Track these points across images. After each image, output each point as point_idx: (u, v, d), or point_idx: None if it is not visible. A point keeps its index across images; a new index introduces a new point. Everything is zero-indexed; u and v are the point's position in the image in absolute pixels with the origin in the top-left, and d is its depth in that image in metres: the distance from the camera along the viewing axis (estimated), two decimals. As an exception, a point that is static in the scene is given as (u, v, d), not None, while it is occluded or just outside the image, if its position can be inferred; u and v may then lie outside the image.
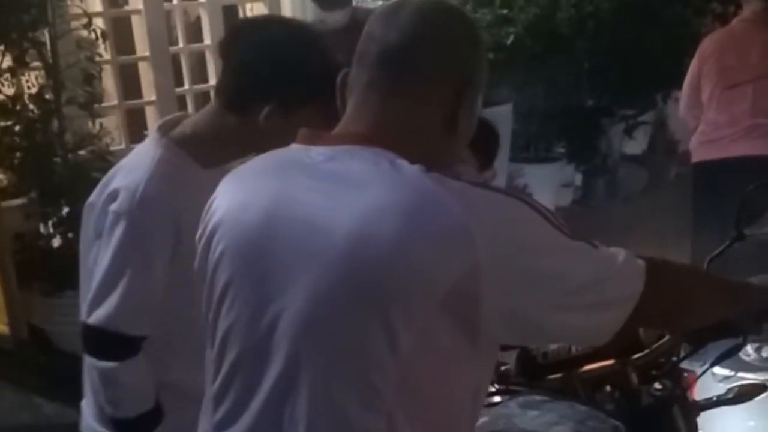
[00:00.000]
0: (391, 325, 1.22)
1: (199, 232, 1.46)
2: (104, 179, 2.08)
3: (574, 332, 1.39)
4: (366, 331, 1.23)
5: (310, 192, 1.30)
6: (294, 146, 1.43)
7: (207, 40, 5.61)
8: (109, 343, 2.03)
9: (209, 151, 2.05)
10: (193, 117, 2.13)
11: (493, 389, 1.84)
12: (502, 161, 5.82)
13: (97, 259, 2.04)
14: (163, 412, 2.09)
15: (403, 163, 1.27)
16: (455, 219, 1.23)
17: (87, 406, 2.23)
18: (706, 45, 4.48)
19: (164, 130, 2.09)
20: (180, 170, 2.02)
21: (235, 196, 1.42)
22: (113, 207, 1.99)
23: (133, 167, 2.03)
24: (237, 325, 1.36)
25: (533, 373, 1.85)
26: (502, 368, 1.86)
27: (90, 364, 2.07)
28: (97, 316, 2.01)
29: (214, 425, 1.40)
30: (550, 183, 6.57)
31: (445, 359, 1.28)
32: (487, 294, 1.23)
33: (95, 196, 2.07)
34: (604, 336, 1.38)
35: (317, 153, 1.35)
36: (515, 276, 1.25)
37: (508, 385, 1.85)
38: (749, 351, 2.68)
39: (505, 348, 1.83)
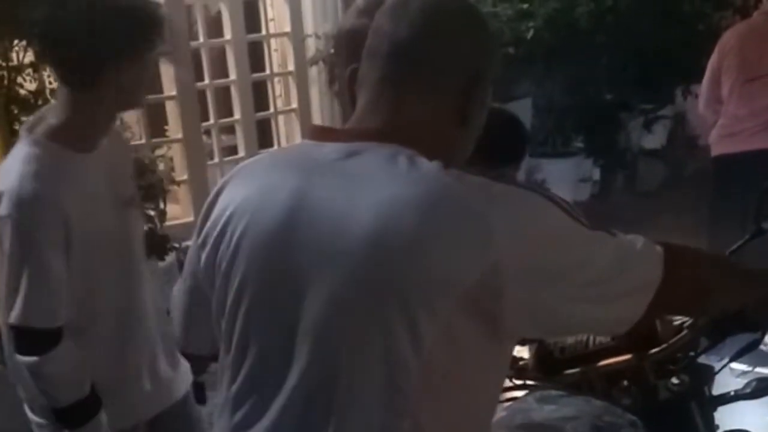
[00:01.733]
0: (414, 323, 1.22)
1: (206, 228, 1.43)
2: None
3: (595, 322, 1.39)
4: (389, 331, 1.23)
5: (327, 191, 1.29)
6: (305, 142, 1.43)
7: (227, 35, 5.62)
8: (26, 339, 2.10)
9: (78, 134, 2.12)
10: (52, 108, 2.20)
11: (510, 384, 1.85)
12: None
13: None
14: (101, 400, 2.16)
15: (422, 160, 1.27)
16: (475, 215, 1.23)
17: (26, 406, 2.33)
18: (727, 38, 4.46)
19: (30, 128, 2.15)
20: (54, 161, 2.08)
21: (248, 193, 1.39)
22: (1, 213, 2.04)
23: (9, 170, 2.08)
24: (256, 328, 1.35)
25: (550, 368, 1.85)
26: (520, 363, 1.86)
27: (18, 362, 2.13)
28: (11, 317, 2.07)
29: (232, 427, 1.40)
30: (568, 178, 6.55)
31: (467, 355, 1.28)
32: (508, 289, 1.22)
33: None
34: (626, 325, 1.37)
35: (331, 150, 1.34)
36: (536, 269, 1.25)
37: (525, 379, 1.85)
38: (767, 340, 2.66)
39: (522, 342, 1.83)
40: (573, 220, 1.29)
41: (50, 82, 4.59)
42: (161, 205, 4.51)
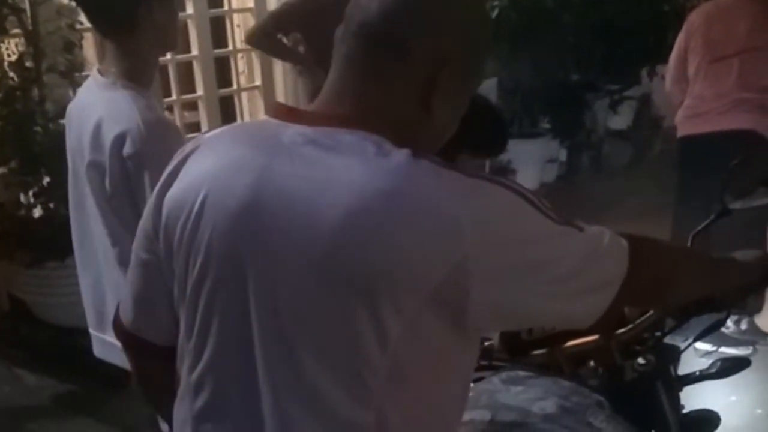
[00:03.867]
0: (379, 317, 1.19)
1: (166, 201, 1.37)
2: (88, 137, 2.22)
3: (561, 317, 1.38)
4: (352, 324, 1.20)
5: (292, 176, 1.24)
6: (269, 120, 1.36)
7: (189, 10, 5.55)
8: None
9: (137, 79, 2.27)
10: (110, 55, 2.31)
11: (476, 365, 1.84)
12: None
13: (123, 206, 2.18)
14: None
15: (391, 148, 1.23)
16: (444, 210, 1.19)
17: (92, 328, 2.45)
18: (694, 18, 4.46)
19: (104, 73, 2.30)
20: (148, 98, 2.24)
21: (209, 169, 1.33)
22: (127, 151, 2.14)
23: (118, 113, 2.19)
24: (218, 312, 1.31)
25: (517, 349, 1.85)
26: (486, 344, 1.85)
27: None
28: None
29: (194, 415, 1.37)
30: (535, 158, 6.58)
31: (433, 350, 1.26)
32: (476, 285, 1.20)
33: (94, 154, 2.21)
34: (591, 319, 1.36)
35: (296, 133, 1.28)
36: (504, 266, 1.23)
37: (491, 360, 1.85)
38: (728, 324, 2.70)
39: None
40: (542, 216, 1.26)
41: (8, 55, 4.53)
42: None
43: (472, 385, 1.74)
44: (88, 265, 2.44)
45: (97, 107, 2.24)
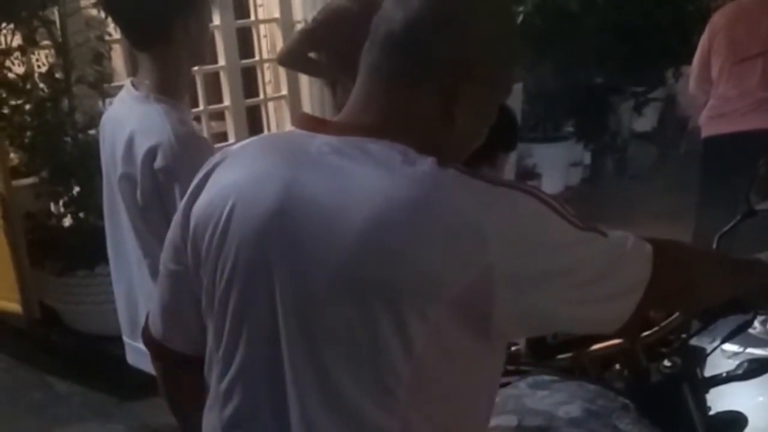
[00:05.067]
0: (404, 326, 1.20)
1: (194, 211, 1.39)
2: (121, 150, 2.23)
3: (586, 323, 1.38)
4: (377, 333, 1.21)
5: (318, 186, 1.25)
6: (296, 131, 1.37)
7: (216, 21, 5.59)
8: None
9: (171, 92, 2.27)
10: (144, 67, 2.32)
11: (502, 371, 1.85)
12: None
13: (155, 218, 2.18)
14: None
15: (416, 157, 1.24)
16: (469, 219, 1.20)
17: (126, 336, 2.48)
18: (717, 19, 4.45)
19: (137, 85, 2.30)
20: (181, 111, 2.26)
21: (237, 179, 1.34)
22: (158, 165, 2.15)
23: (150, 127, 2.19)
24: (246, 323, 1.33)
25: (543, 353, 1.85)
26: (512, 349, 1.86)
27: None
28: None
29: (223, 423, 1.39)
30: (559, 162, 6.56)
31: (459, 357, 1.26)
32: (500, 293, 1.20)
33: (127, 166, 2.22)
34: (616, 324, 1.36)
35: (323, 143, 1.29)
36: (529, 274, 1.23)
37: (517, 365, 1.85)
38: (755, 324, 2.68)
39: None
40: (566, 222, 1.27)
41: (39, 66, 4.59)
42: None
43: (499, 389, 1.76)
44: (122, 274, 2.46)
45: (130, 120, 2.25)
